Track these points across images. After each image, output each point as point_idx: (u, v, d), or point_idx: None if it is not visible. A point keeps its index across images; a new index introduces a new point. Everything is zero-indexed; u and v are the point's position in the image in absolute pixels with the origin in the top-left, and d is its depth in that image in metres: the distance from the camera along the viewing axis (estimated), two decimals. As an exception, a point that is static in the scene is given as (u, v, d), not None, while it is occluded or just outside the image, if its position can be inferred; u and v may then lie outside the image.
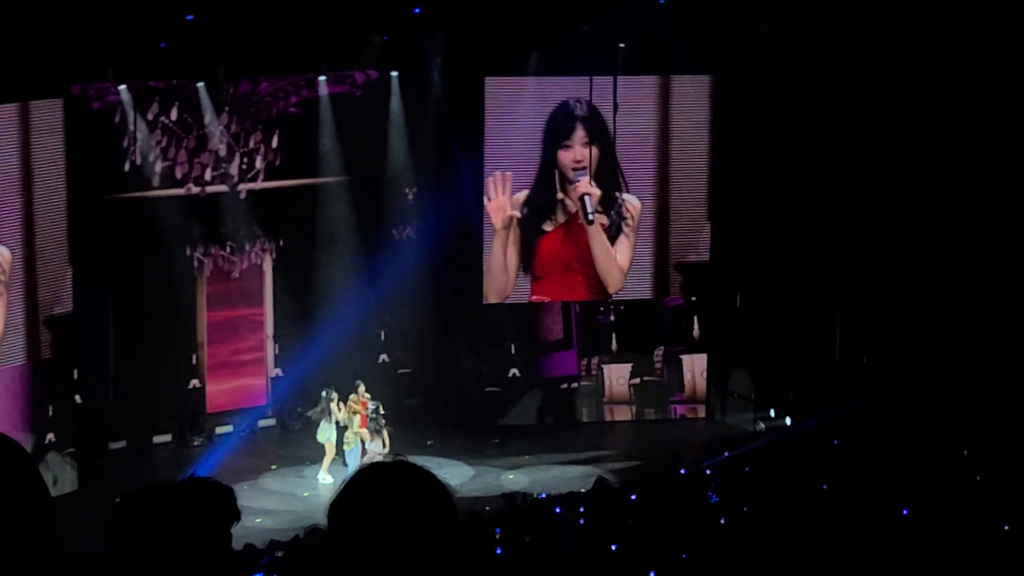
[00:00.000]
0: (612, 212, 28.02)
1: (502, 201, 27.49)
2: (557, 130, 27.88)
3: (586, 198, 27.56)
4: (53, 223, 23.73)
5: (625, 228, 28.15)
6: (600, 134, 27.96)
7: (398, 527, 3.06)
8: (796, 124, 26.46)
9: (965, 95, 24.84)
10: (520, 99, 27.54)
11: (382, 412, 24.42)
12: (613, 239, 28.07)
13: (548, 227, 28.03)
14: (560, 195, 27.86)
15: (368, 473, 3.20)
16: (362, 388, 24.78)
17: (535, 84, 27.61)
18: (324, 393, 24.95)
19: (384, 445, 24.28)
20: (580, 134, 27.85)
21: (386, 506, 3.09)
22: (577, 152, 27.85)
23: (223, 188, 27.02)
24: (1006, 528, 14.71)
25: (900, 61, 25.24)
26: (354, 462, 23.49)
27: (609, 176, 28.08)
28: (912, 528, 14.53)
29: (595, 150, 27.90)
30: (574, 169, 27.77)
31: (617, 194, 28.15)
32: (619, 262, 28.21)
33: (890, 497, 16.95)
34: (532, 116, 27.52)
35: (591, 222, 27.65)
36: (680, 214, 28.21)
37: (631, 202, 28.21)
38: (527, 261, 28.00)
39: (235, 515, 3.58)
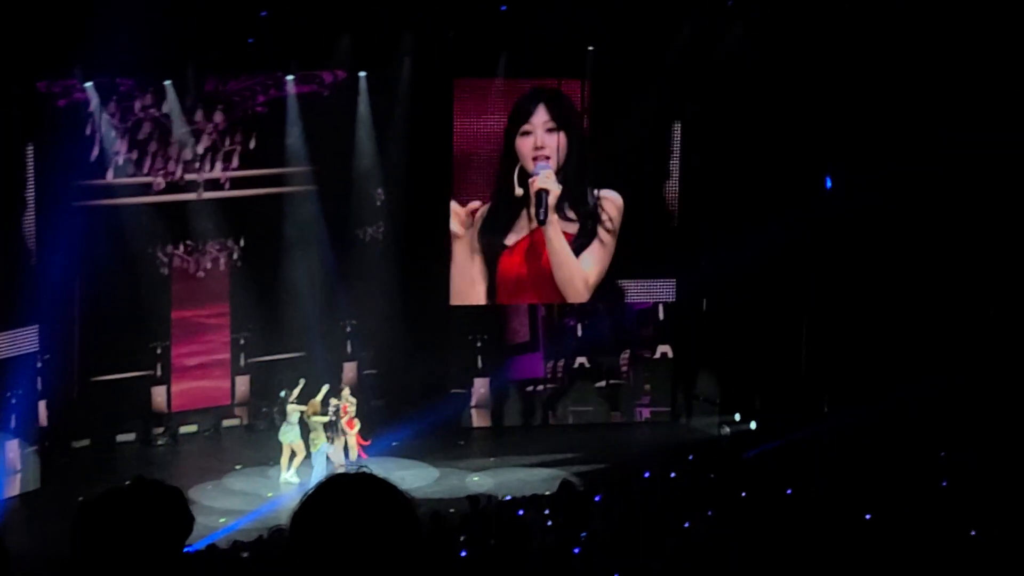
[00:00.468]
0: (582, 213, 27.22)
1: (455, 207, 27.24)
2: (517, 114, 26.66)
3: (543, 195, 26.21)
4: (16, 221, 23.59)
5: (601, 233, 27.29)
6: (568, 119, 26.73)
7: (360, 540, 3.05)
8: (768, 130, 26.44)
9: (947, 104, 24.87)
10: (488, 100, 27.36)
11: (343, 415, 24.27)
12: (583, 246, 27.28)
13: (510, 240, 27.28)
14: (519, 191, 26.61)
15: (330, 485, 3.18)
16: (346, 392, 24.63)
17: (503, 85, 27.45)
18: (282, 394, 24.91)
19: (346, 452, 24.18)
20: (542, 117, 26.69)
21: (348, 519, 3.08)
22: (538, 138, 26.66)
23: (189, 188, 26.90)
24: (972, 533, 14.76)
25: (879, 67, 25.26)
26: (320, 464, 23.41)
27: (578, 169, 27.02)
28: (878, 533, 14.56)
29: (562, 137, 26.79)
30: (534, 159, 26.56)
31: (593, 191, 27.28)
32: (585, 273, 27.44)
33: (856, 502, 17.00)
34: (500, 117, 27.28)
35: (543, 222, 26.42)
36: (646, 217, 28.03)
37: (610, 199, 27.30)
38: (490, 282, 27.31)
39: (187, 518, 3.58)
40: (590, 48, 26.97)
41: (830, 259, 26.47)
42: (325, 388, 24.35)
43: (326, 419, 23.84)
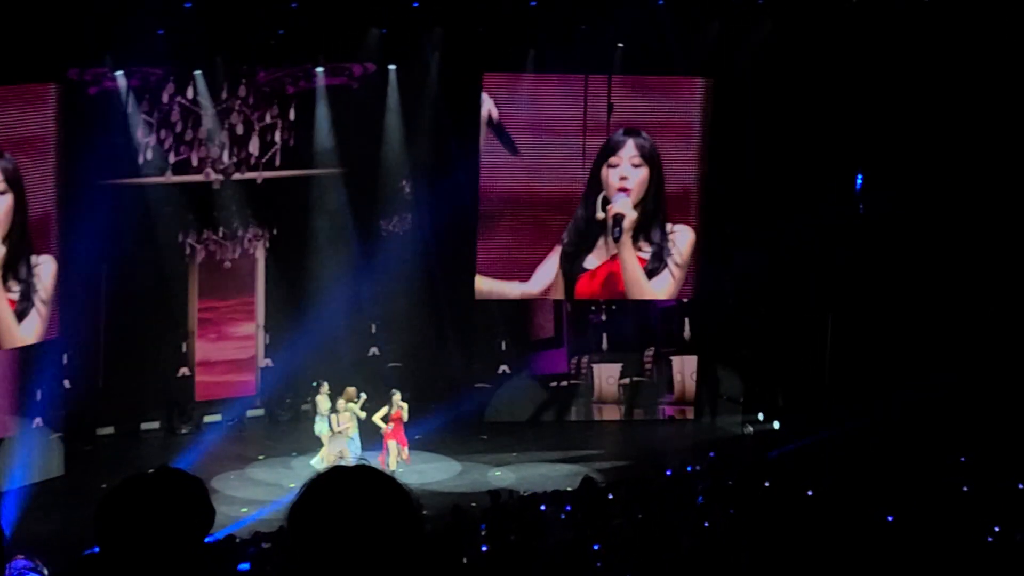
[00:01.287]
0: (654, 243, 27.44)
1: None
2: (608, 147, 27.26)
3: (620, 218, 26.94)
4: (44, 209, 23.67)
5: (670, 263, 27.54)
6: (652, 157, 27.33)
7: (357, 532, 3.03)
8: (794, 127, 26.42)
9: (965, 102, 24.86)
10: (517, 95, 27.37)
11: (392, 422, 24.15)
12: (655, 271, 27.48)
13: (590, 263, 27.57)
14: (600, 215, 27.17)
15: (328, 477, 3.17)
16: (397, 397, 24.45)
17: (532, 81, 27.47)
18: (314, 384, 24.97)
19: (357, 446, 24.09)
20: (630, 152, 27.20)
21: (345, 511, 3.07)
22: (624, 170, 27.26)
23: (218, 177, 26.98)
24: (990, 538, 14.74)
25: (902, 68, 25.24)
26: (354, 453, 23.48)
27: (654, 203, 27.42)
28: (898, 535, 14.55)
29: (644, 172, 27.28)
30: (619, 189, 27.19)
31: (668, 225, 27.59)
32: (655, 295, 28.03)
33: (876, 503, 16.97)
34: (528, 112, 27.33)
35: (617, 239, 27.06)
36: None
37: (680, 234, 27.66)
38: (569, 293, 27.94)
39: (208, 509, 3.61)
40: (620, 45, 26.99)
41: (856, 257, 26.42)
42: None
43: (358, 406, 23.77)
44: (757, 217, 27.36)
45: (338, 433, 23.79)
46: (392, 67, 27.64)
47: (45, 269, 23.54)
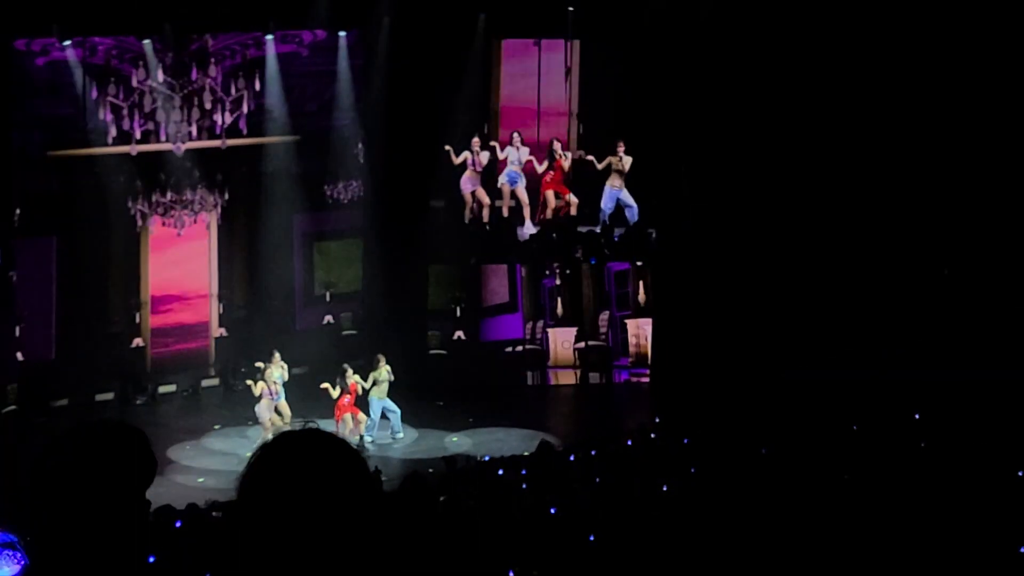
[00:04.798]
0: None
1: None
2: None
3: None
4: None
5: None
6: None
7: (311, 496, 2.97)
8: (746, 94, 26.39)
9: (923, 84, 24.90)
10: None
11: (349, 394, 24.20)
12: None
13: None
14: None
15: (278, 443, 3.10)
16: (350, 372, 24.28)
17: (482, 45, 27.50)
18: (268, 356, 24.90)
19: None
20: None
21: (299, 475, 2.99)
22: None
23: (168, 146, 26.83)
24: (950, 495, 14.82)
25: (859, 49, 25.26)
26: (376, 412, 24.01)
27: None
28: (856, 495, 14.60)
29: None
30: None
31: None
32: None
33: (835, 462, 17.04)
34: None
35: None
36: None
37: None
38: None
39: (152, 461, 3.55)
40: (571, 8, 26.96)
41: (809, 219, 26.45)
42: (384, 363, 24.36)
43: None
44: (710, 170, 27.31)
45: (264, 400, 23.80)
46: (342, 33, 27.53)
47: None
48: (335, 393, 23.92)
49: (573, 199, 27.88)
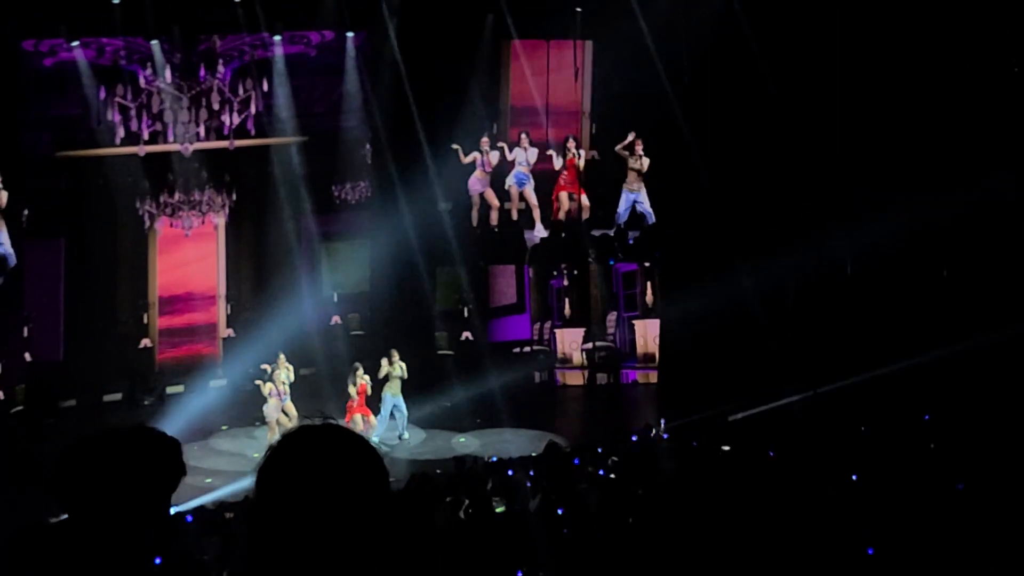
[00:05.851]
0: None
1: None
2: None
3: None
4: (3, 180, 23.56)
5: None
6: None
7: (329, 489, 2.98)
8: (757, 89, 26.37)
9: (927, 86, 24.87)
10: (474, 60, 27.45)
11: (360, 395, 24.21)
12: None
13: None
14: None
15: (297, 436, 3.12)
16: (360, 371, 24.40)
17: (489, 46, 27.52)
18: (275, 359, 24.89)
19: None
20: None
21: (315, 468, 3.00)
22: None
23: (176, 147, 26.86)
24: (959, 488, 14.81)
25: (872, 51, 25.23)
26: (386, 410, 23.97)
27: None
28: (865, 496, 14.59)
29: None
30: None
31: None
32: None
33: (842, 465, 17.02)
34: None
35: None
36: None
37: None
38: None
39: (180, 468, 3.56)
40: (579, 9, 26.96)
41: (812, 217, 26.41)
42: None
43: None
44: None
45: (272, 400, 23.82)
46: (350, 35, 27.54)
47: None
48: (353, 391, 23.93)
49: (585, 201, 27.86)
